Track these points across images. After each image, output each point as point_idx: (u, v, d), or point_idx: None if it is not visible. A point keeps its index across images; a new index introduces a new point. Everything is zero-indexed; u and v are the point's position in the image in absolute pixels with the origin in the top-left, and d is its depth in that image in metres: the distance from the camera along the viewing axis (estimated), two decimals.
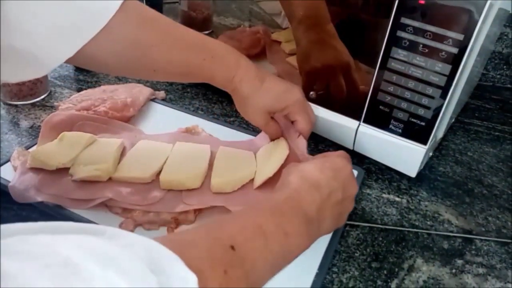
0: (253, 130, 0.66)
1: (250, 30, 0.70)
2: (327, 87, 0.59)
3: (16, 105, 0.68)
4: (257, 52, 0.69)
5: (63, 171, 0.52)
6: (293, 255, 0.36)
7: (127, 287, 0.20)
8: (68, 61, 0.43)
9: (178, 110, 0.68)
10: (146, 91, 0.69)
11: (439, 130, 0.55)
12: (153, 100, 0.70)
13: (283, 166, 0.50)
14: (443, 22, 0.45)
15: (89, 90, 0.67)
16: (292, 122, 0.54)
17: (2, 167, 0.53)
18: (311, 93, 0.59)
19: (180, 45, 0.47)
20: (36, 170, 0.52)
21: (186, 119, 0.65)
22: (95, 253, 0.21)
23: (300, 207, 0.37)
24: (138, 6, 0.46)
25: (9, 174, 0.52)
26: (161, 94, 0.72)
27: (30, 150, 0.56)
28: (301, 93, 0.52)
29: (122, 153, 0.56)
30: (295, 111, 0.52)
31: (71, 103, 0.63)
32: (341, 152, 0.47)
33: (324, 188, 0.40)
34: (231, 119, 0.68)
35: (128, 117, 0.64)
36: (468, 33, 0.44)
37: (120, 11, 0.43)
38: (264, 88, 0.50)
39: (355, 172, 0.57)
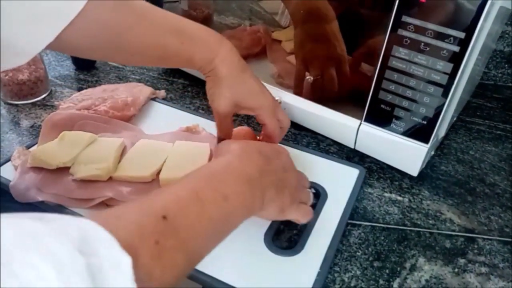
0: (253, 129, 0.66)
1: (251, 29, 0.70)
2: (321, 75, 0.59)
3: (16, 105, 0.68)
4: (258, 51, 0.69)
5: (64, 170, 0.52)
6: (238, 218, 0.36)
7: (48, 269, 0.19)
8: (47, 48, 0.42)
9: (179, 109, 0.68)
10: (146, 90, 0.69)
11: (441, 129, 0.55)
12: (153, 99, 0.70)
13: None
14: (444, 20, 0.45)
15: (90, 90, 0.67)
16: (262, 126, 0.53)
17: (3, 167, 0.53)
18: (308, 77, 0.59)
19: (157, 28, 0.47)
20: (36, 169, 0.51)
21: (187, 118, 0.65)
22: (21, 234, 0.21)
23: (241, 168, 0.38)
24: None
25: (9, 173, 0.52)
26: (162, 93, 0.71)
27: (30, 149, 0.56)
28: (273, 98, 0.52)
29: (123, 152, 0.56)
30: (265, 114, 0.50)
31: (71, 102, 0.63)
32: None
33: (265, 156, 0.41)
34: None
35: (128, 117, 0.63)
36: (469, 31, 0.44)
37: None
38: (242, 78, 0.49)
39: (356, 171, 0.57)
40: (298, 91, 0.63)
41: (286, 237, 0.49)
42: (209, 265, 0.44)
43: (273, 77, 0.66)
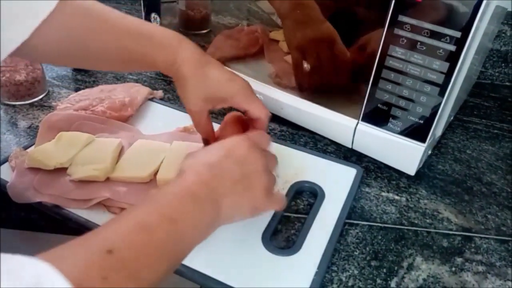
0: None
1: (248, 29, 0.70)
2: (318, 59, 0.59)
3: (14, 105, 0.68)
4: (255, 51, 0.69)
5: (61, 171, 0.52)
6: (192, 237, 0.35)
7: None
8: (13, 54, 0.43)
9: (176, 109, 0.68)
10: (144, 90, 0.69)
11: (438, 128, 0.55)
12: (151, 99, 0.70)
13: None
14: (440, 19, 0.45)
15: (87, 90, 0.67)
16: (245, 114, 0.51)
17: (1, 167, 0.53)
18: (305, 65, 0.59)
19: (117, 32, 0.47)
20: (34, 170, 0.51)
21: (184, 119, 0.65)
22: None
23: (186, 187, 0.37)
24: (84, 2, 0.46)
25: (7, 174, 0.52)
26: (159, 93, 0.71)
27: (28, 150, 0.56)
28: (245, 82, 0.50)
29: (120, 152, 0.56)
30: (242, 100, 0.49)
31: (69, 103, 0.63)
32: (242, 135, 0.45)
33: (215, 167, 0.39)
34: None
35: (126, 117, 0.63)
36: (465, 30, 0.44)
37: None
38: (205, 73, 0.48)
39: (354, 171, 0.57)
40: (299, 82, 0.63)
41: (284, 237, 0.49)
42: (207, 265, 0.44)
43: (270, 77, 0.67)
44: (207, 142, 0.53)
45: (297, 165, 0.58)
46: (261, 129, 0.50)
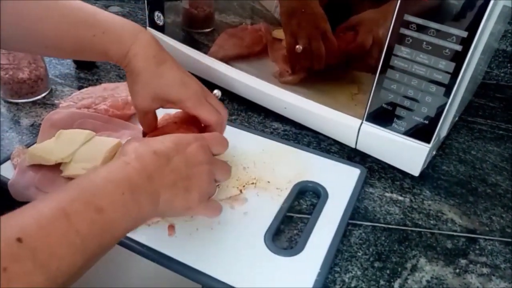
0: (254, 128, 0.66)
1: (252, 28, 0.69)
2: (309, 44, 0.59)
3: (16, 103, 0.67)
4: (259, 49, 0.69)
5: None
6: (120, 228, 0.33)
7: None
8: None
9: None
10: None
11: (443, 128, 0.54)
12: None
13: None
14: (446, 19, 0.45)
15: (90, 88, 0.67)
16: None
17: (3, 166, 0.53)
18: (297, 46, 0.59)
19: (69, 20, 0.46)
20: (35, 168, 0.51)
21: None
22: None
23: (122, 175, 0.35)
24: None
25: (9, 172, 0.52)
26: None
27: (30, 148, 0.55)
28: (199, 86, 0.49)
29: None
30: (191, 105, 0.48)
31: (72, 101, 0.63)
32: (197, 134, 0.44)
33: (162, 158, 0.38)
34: (233, 117, 0.68)
35: (128, 115, 0.63)
36: (472, 30, 0.44)
37: None
38: (159, 72, 0.47)
39: (357, 171, 0.57)
40: (292, 65, 0.63)
41: (286, 237, 0.49)
42: (209, 266, 0.44)
43: (274, 76, 0.66)
44: (145, 135, 0.53)
45: (300, 165, 0.58)
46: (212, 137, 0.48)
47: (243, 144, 0.60)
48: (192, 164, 0.40)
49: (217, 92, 0.56)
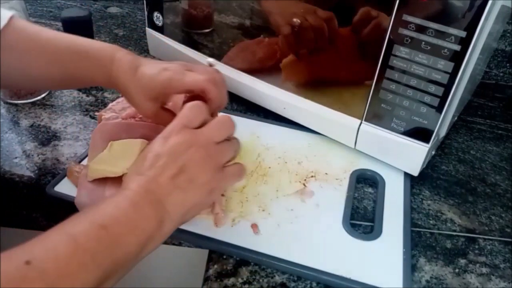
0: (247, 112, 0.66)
1: (268, 41, 0.67)
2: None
3: (16, 104, 0.68)
4: (272, 64, 0.65)
5: None
6: (129, 243, 0.34)
7: None
8: None
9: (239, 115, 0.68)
10: (182, 95, 0.65)
11: (442, 128, 0.54)
12: None
13: None
14: (445, 19, 0.45)
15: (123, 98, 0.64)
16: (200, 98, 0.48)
17: (59, 184, 0.53)
18: (294, 19, 0.58)
19: (52, 51, 0.48)
20: (99, 182, 0.50)
21: (241, 123, 0.63)
22: None
23: (124, 197, 0.36)
24: (20, 23, 0.47)
25: (64, 187, 0.53)
26: None
27: (82, 162, 0.56)
28: (178, 64, 0.48)
29: None
30: (177, 80, 0.46)
31: (113, 112, 0.60)
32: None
33: (150, 169, 0.38)
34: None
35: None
36: (470, 30, 0.44)
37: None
38: (138, 75, 0.47)
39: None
40: (295, 50, 0.62)
41: (359, 223, 0.52)
42: (300, 256, 0.46)
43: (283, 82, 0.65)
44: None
45: (350, 154, 0.61)
46: (217, 103, 0.47)
47: (289, 140, 0.63)
48: (177, 153, 0.39)
49: (211, 60, 0.55)
